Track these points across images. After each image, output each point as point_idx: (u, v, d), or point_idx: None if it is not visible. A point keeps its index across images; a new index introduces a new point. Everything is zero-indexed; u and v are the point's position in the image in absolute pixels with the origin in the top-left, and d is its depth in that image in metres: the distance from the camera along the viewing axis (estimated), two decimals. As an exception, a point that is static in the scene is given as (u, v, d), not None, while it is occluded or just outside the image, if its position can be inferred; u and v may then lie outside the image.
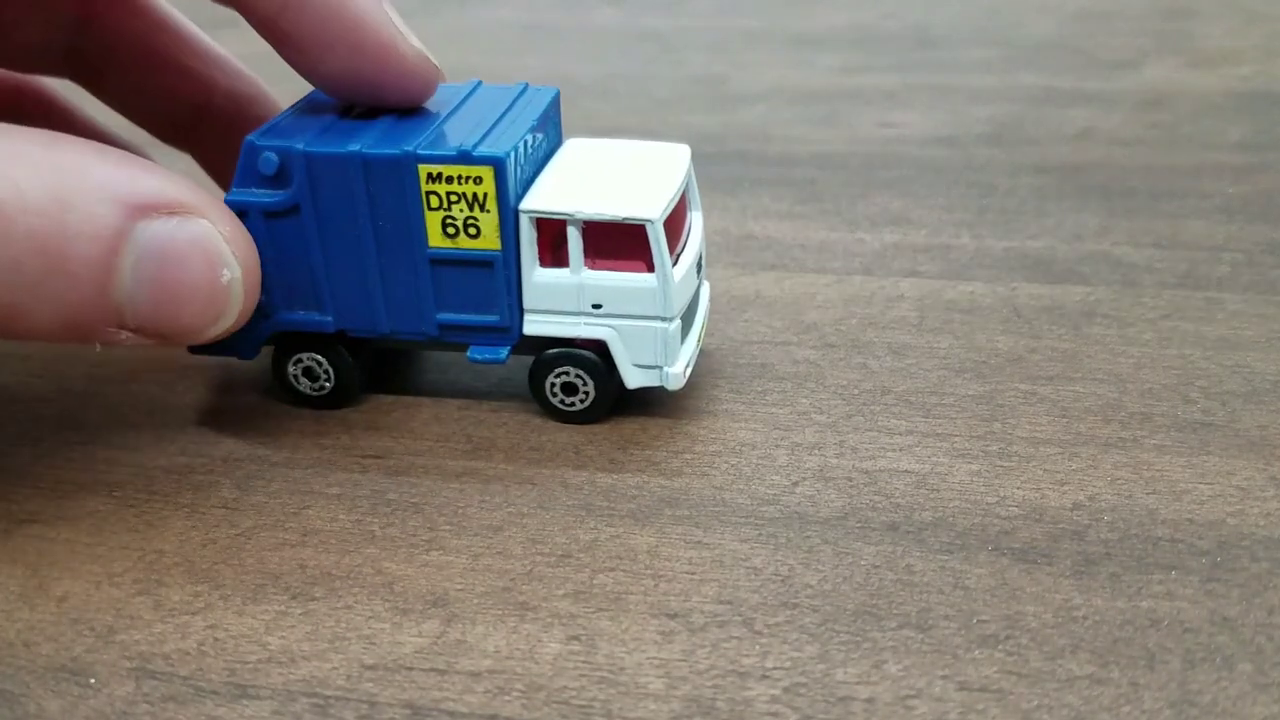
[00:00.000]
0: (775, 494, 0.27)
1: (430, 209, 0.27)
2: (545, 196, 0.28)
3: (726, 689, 0.22)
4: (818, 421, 0.29)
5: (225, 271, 0.25)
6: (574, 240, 0.28)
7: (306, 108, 0.30)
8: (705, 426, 0.29)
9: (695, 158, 0.31)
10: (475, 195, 0.27)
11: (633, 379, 0.29)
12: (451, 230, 0.28)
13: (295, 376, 0.30)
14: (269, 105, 0.34)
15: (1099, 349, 0.32)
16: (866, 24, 0.63)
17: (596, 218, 0.27)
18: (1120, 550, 0.25)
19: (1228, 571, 0.24)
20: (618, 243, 0.28)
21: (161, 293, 0.25)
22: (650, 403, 0.30)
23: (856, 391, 0.30)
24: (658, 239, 0.27)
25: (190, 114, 0.34)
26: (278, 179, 0.27)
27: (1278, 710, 0.21)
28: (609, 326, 0.28)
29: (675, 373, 0.28)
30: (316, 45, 0.27)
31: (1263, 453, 0.27)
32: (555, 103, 0.30)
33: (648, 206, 0.27)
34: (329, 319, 0.29)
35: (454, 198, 0.27)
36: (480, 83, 0.31)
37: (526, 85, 0.31)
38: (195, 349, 0.30)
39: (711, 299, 0.35)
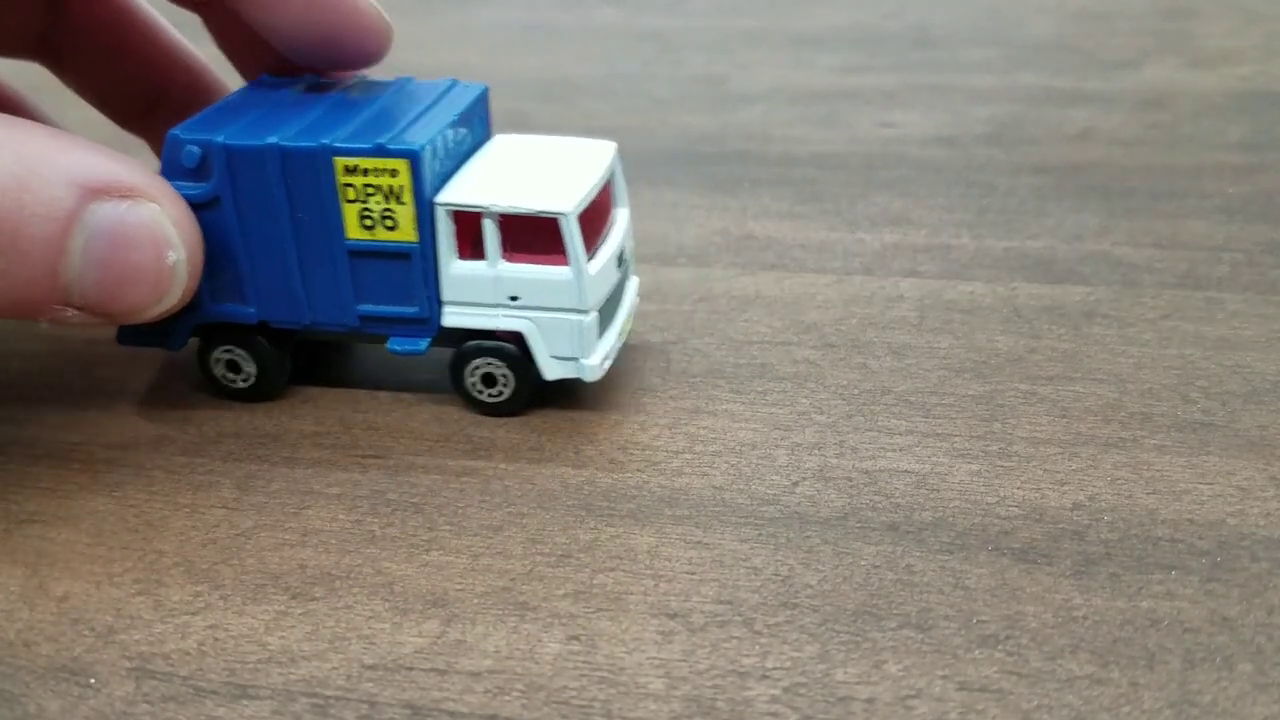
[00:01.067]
0: (775, 494, 0.27)
1: (347, 201, 0.28)
2: (461, 190, 0.28)
3: (726, 689, 0.22)
4: (818, 421, 0.29)
5: (171, 253, 0.26)
6: (490, 233, 0.28)
7: (238, 100, 0.30)
8: (705, 426, 0.29)
9: (696, 157, 0.31)
10: (391, 188, 0.28)
11: (550, 371, 0.29)
12: (369, 222, 0.28)
13: (219, 368, 0.31)
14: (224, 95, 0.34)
15: (1099, 349, 0.32)
16: (867, 24, 0.63)
17: (510, 211, 0.28)
18: (1120, 550, 0.25)
19: (1228, 571, 0.24)
20: (534, 236, 0.28)
21: (109, 272, 0.25)
22: (650, 403, 0.30)
23: (856, 391, 0.30)
24: (571, 232, 0.28)
25: (149, 102, 0.34)
26: (199, 172, 0.28)
27: (1278, 710, 0.21)
28: (526, 319, 0.29)
29: (592, 365, 0.29)
30: None
31: (1263, 453, 0.27)
32: (482, 99, 0.31)
33: (562, 200, 0.28)
34: (251, 310, 0.30)
35: (370, 190, 0.28)
36: (411, 79, 0.31)
37: (454, 81, 0.31)
38: (123, 339, 0.31)
39: (711, 298, 0.35)
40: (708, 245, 0.38)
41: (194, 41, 0.35)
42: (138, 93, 0.34)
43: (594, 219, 0.29)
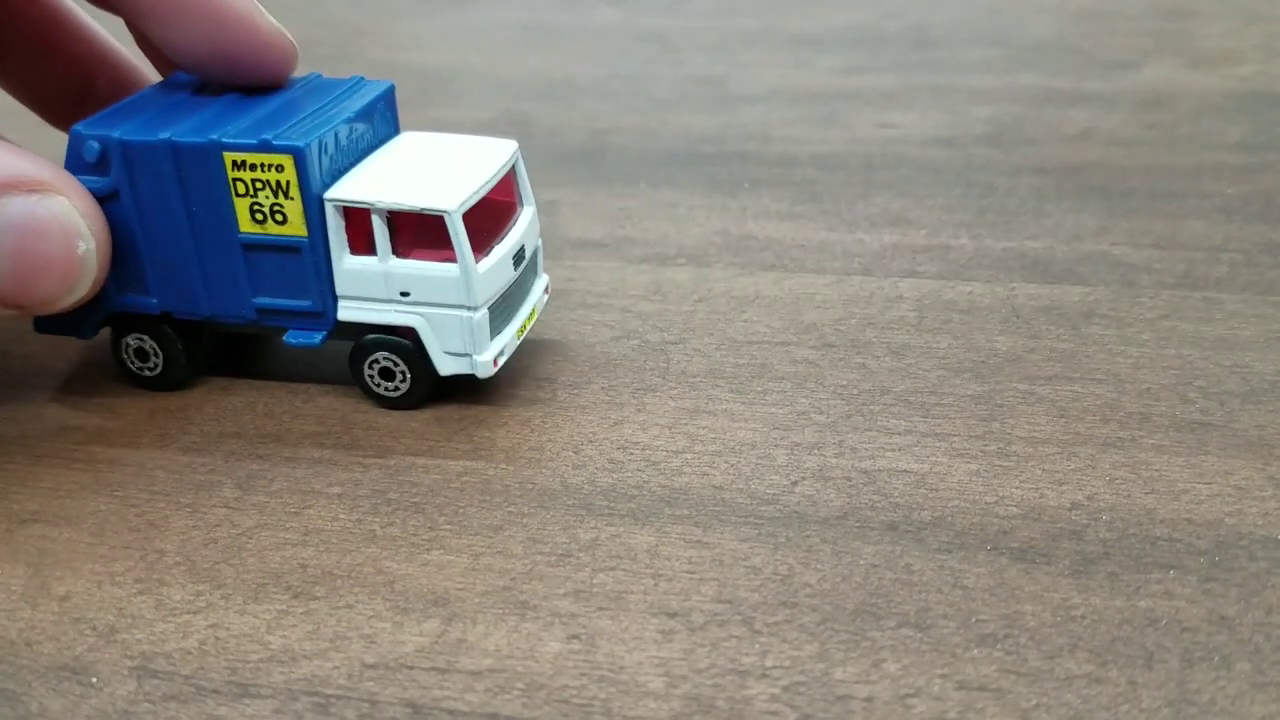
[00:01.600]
0: (775, 494, 0.27)
1: (238, 195, 0.29)
2: (351, 186, 0.29)
3: (726, 687, 0.22)
4: (817, 421, 0.29)
5: (80, 243, 0.27)
6: (379, 229, 0.29)
7: (144, 97, 0.31)
8: (705, 426, 0.29)
9: (695, 157, 0.31)
10: (278, 183, 0.28)
11: (444, 366, 0.29)
12: (260, 216, 0.29)
13: (128, 356, 0.31)
14: None
15: (1097, 349, 0.32)
16: (866, 24, 0.63)
17: (396, 207, 0.28)
18: (1118, 550, 0.25)
19: (1226, 571, 0.24)
20: (425, 233, 0.29)
21: (21, 264, 0.26)
22: (651, 403, 0.30)
23: (856, 391, 0.30)
24: (457, 230, 0.28)
25: (77, 99, 0.35)
26: (99, 166, 0.29)
27: (1275, 709, 0.21)
28: (417, 314, 0.29)
29: (484, 361, 0.29)
30: (175, 14, 0.29)
31: (1261, 452, 0.27)
32: (387, 95, 0.31)
33: (448, 198, 0.28)
34: (154, 301, 0.30)
35: (259, 185, 0.28)
36: (318, 75, 0.32)
37: (361, 79, 0.32)
38: (40, 327, 0.31)
39: (711, 298, 0.35)
40: (707, 245, 0.38)
41: (121, 40, 0.35)
42: (66, 90, 0.35)
43: (488, 217, 0.30)
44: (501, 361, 0.30)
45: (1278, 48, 0.56)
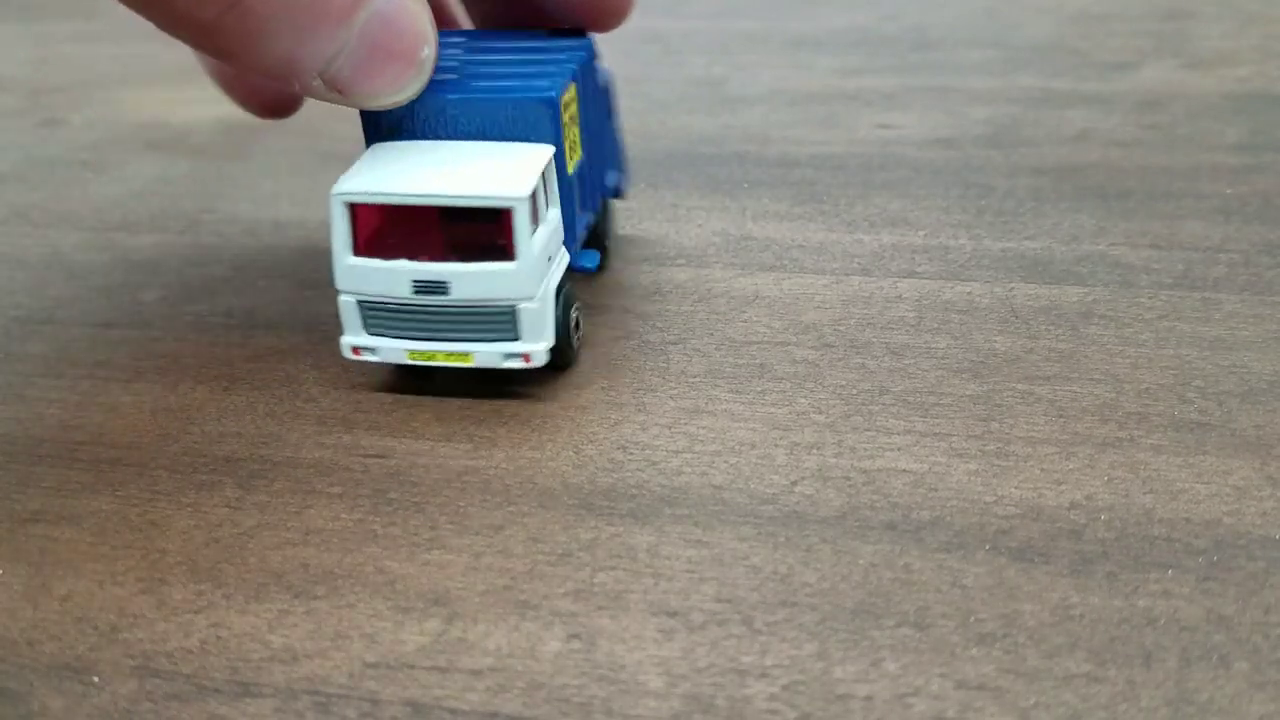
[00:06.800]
0: (774, 493, 0.27)
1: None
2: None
3: (726, 687, 0.22)
4: (816, 421, 0.29)
5: (425, 47, 0.28)
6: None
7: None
8: (705, 426, 0.29)
9: (695, 158, 0.32)
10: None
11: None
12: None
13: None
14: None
15: (1096, 349, 0.32)
16: (865, 26, 0.63)
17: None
18: (1117, 549, 0.25)
19: (1224, 570, 0.24)
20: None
21: (373, 52, 0.27)
22: (651, 403, 0.30)
23: (855, 391, 0.30)
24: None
25: None
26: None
27: (1274, 709, 0.21)
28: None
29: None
30: None
31: (1259, 452, 0.27)
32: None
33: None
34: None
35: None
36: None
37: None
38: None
39: (711, 299, 0.35)
40: (707, 246, 0.38)
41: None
42: None
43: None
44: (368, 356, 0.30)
45: (1275, 49, 0.56)
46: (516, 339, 0.30)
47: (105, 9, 0.57)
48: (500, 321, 0.29)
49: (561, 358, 0.31)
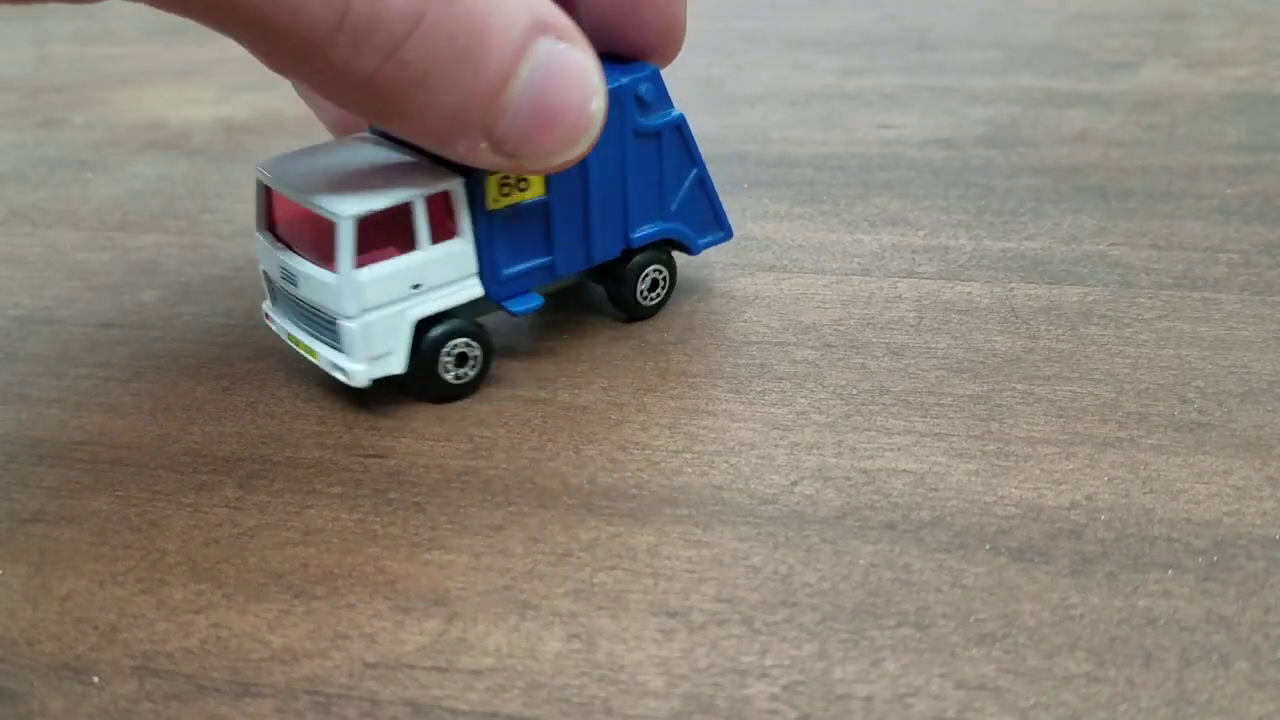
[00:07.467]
0: (774, 493, 0.27)
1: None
2: None
3: (726, 687, 0.22)
4: (816, 421, 0.29)
5: (595, 100, 0.26)
6: None
7: None
8: (705, 426, 0.29)
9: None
10: None
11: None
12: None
13: None
14: None
15: (1096, 349, 0.32)
16: (865, 26, 0.63)
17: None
18: (1117, 549, 0.25)
19: (1224, 570, 0.24)
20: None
21: (541, 107, 0.26)
22: (651, 403, 0.30)
23: (855, 391, 0.30)
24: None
25: None
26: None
27: (1274, 709, 0.21)
28: None
29: None
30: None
31: (1259, 452, 0.27)
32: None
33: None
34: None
35: None
36: None
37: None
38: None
39: (711, 299, 0.35)
40: (707, 246, 0.38)
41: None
42: None
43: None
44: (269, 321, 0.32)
45: (1274, 49, 0.56)
46: (341, 352, 0.30)
47: (105, 9, 0.57)
48: (331, 329, 0.30)
49: (425, 391, 0.30)
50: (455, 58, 0.24)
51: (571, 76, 0.26)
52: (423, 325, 0.30)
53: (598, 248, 0.32)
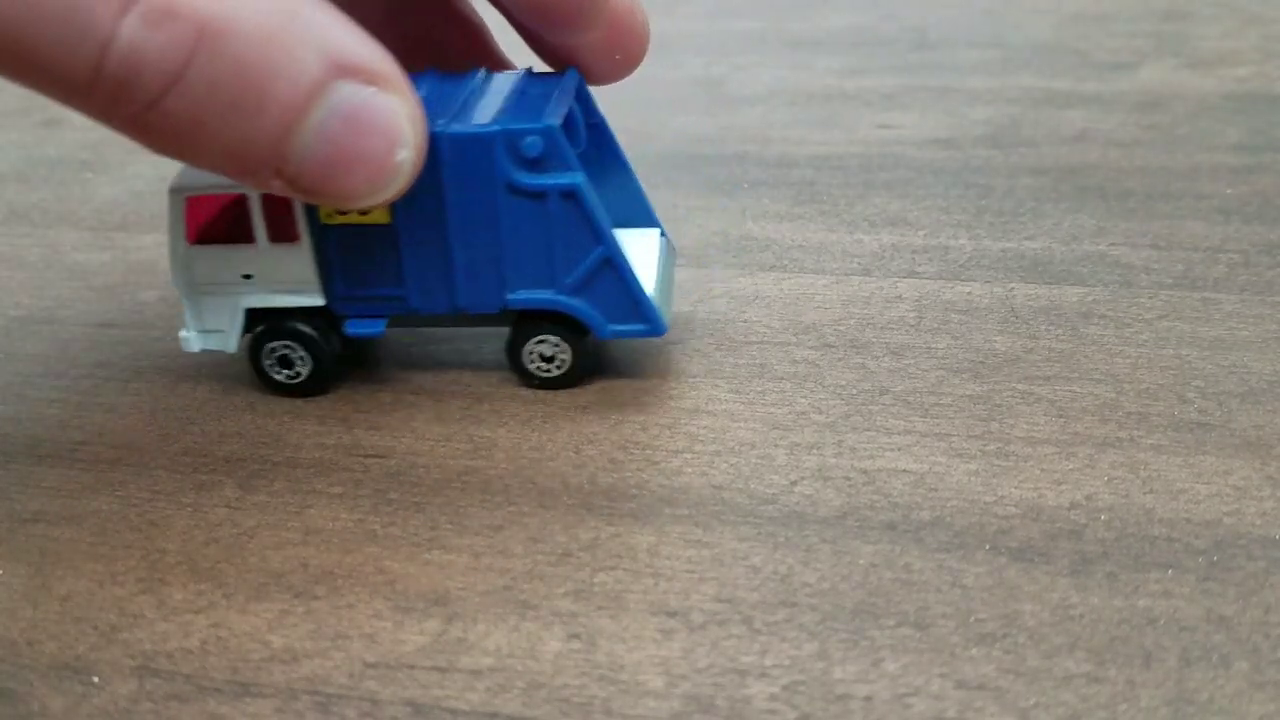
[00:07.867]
0: (774, 493, 0.27)
1: None
2: None
3: (726, 687, 0.22)
4: (816, 421, 0.29)
5: (401, 151, 0.25)
6: None
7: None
8: (705, 426, 0.29)
9: (695, 158, 0.32)
10: None
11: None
12: None
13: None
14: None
15: (1096, 349, 0.32)
16: (865, 26, 0.63)
17: None
18: (1117, 549, 0.25)
19: (1224, 570, 0.24)
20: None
21: (337, 154, 0.25)
22: (650, 403, 0.30)
23: (855, 391, 0.30)
24: None
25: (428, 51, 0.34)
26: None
27: (1274, 709, 0.21)
28: None
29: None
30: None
31: (1259, 452, 0.27)
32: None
33: None
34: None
35: None
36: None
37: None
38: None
39: (711, 299, 0.35)
40: (707, 246, 0.39)
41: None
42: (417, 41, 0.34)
43: None
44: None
45: (1275, 49, 0.56)
46: None
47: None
48: None
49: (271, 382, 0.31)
50: (227, 106, 0.23)
51: (373, 123, 0.25)
52: (260, 319, 0.31)
53: (464, 296, 0.30)
